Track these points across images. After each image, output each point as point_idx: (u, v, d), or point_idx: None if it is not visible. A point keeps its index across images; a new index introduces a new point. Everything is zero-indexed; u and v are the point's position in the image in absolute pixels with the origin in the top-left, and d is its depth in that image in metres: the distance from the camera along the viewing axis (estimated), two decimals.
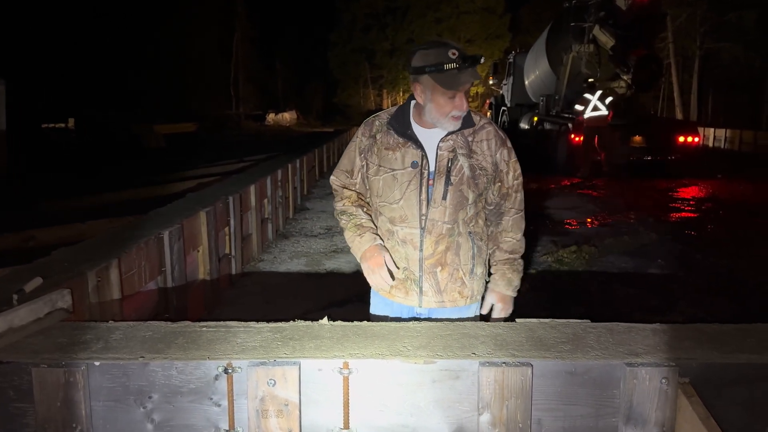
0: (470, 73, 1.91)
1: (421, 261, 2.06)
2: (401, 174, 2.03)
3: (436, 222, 2.03)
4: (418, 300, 2.10)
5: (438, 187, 2.01)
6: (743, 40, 28.11)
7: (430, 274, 2.07)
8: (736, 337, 1.71)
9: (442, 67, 1.90)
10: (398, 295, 2.13)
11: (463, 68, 1.90)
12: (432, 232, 2.03)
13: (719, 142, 25.52)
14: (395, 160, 2.04)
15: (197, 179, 9.95)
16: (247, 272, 5.40)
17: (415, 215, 2.03)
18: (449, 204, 2.02)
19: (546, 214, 8.65)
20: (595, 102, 13.59)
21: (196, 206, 4.23)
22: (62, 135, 28.79)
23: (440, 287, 2.09)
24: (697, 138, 14.20)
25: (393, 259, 2.06)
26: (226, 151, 17.65)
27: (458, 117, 1.99)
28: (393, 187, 2.05)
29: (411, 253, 2.06)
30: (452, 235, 2.05)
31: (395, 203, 2.05)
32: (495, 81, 26.11)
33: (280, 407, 1.52)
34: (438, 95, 1.94)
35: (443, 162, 2.01)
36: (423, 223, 2.03)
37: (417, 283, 2.08)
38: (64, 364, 1.52)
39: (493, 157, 2.07)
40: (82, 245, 2.89)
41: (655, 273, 5.60)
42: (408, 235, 2.05)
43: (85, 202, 8.78)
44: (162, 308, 3.28)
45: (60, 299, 1.89)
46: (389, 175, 2.05)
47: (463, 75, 1.91)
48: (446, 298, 2.10)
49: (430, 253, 2.05)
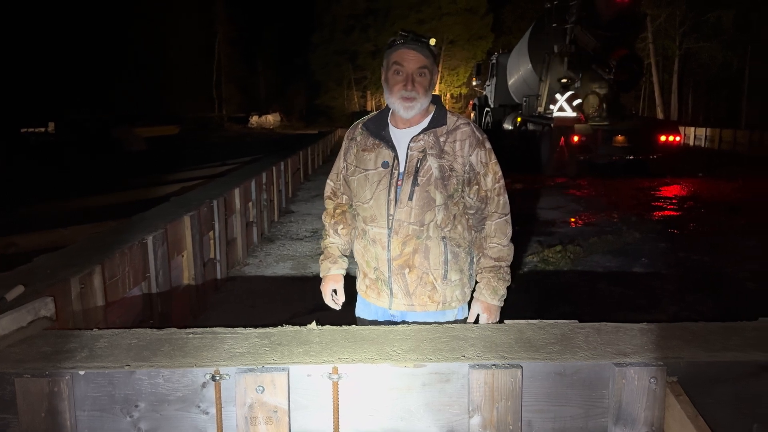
0: (415, 47, 1.97)
1: (390, 261, 2.06)
2: (372, 174, 2.06)
3: (403, 222, 2.02)
4: (389, 301, 2.11)
5: (405, 188, 2.01)
6: (721, 40, 28.52)
7: (399, 276, 2.07)
8: (722, 335, 1.72)
9: (391, 43, 2.03)
10: (371, 296, 2.16)
11: (408, 42, 1.97)
12: (399, 232, 2.03)
13: (699, 140, 25.87)
14: (369, 161, 2.07)
15: (180, 183, 9.88)
16: (232, 276, 5.37)
17: (383, 215, 2.04)
18: (415, 205, 2.01)
19: (531, 214, 8.70)
20: (562, 103, 13.73)
21: (179, 210, 4.19)
22: (42, 139, 28.42)
23: (409, 290, 2.08)
24: (679, 137, 14.38)
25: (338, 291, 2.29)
26: (209, 154, 17.55)
27: (408, 99, 1.99)
28: (365, 187, 2.07)
29: (380, 253, 2.07)
30: (420, 237, 2.03)
31: (366, 203, 2.07)
32: (478, 82, 26.23)
33: (269, 414, 1.50)
34: (390, 73, 2.02)
35: (413, 162, 2.02)
36: (390, 223, 2.03)
37: (387, 284, 2.09)
38: (47, 374, 1.49)
39: (466, 158, 2.03)
40: (64, 251, 2.84)
41: (639, 271, 5.65)
42: (377, 235, 2.06)
43: (66, 207, 8.67)
44: (147, 314, 3.24)
45: (43, 307, 1.86)
46: (362, 175, 2.08)
47: (409, 44, 1.98)
48: (416, 302, 2.09)
49: (398, 254, 2.05)
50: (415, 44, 1.97)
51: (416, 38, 1.98)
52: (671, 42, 31.22)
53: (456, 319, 2.17)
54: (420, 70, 1.98)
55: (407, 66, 1.98)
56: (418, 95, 1.99)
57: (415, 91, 1.98)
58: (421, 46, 1.98)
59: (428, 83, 2.01)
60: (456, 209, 2.07)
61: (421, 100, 2.00)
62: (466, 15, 48.19)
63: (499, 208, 2.11)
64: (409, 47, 1.97)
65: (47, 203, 9.12)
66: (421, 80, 1.99)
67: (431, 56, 2.00)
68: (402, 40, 1.99)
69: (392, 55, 2.00)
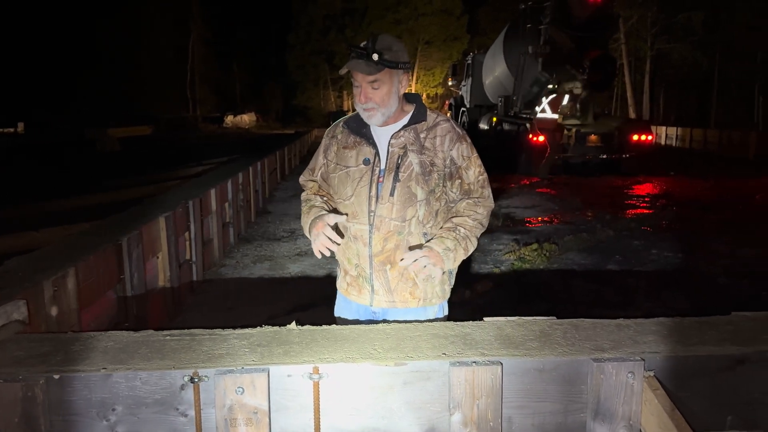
0: (360, 61, 1.95)
1: (371, 258, 2.06)
2: (354, 171, 2.07)
3: (384, 218, 2.03)
4: (370, 299, 2.11)
5: (386, 184, 2.03)
6: (691, 41, 29.07)
7: (381, 272, 2.07)
8: (697, 330, 1.76)
9: (348, 56, 2.01)
10: (353, 293, 2.15)
11: (355, 59, 1.96)
12: (380, 228, 2.03)
13: (671, 140, 26.32)
14: (350, 158, 2.08)
15: (155, 184, 9.75)
16: (208, 278, 5.31)
17: (364, 212, 2.04)
18: (397, 200, 2.01)
19: (507, 213, 8.77)
20: (545, 105, 13.90)
21: (155, 211, 4.14)
22: (11, 140, 27.82)
23: (390, 286, 2.08)
24: (651, 137, 14.61)
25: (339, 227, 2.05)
26: (184, 155, 17.36)
27: (366, 110, 2.01)
28: (346, 184, 2.08)
29: (361, 249, 2.07)
30: (401, 233, 2.03)
31: (348, 200, 2.07)
32: (454, 82, 26.32)
33: (249, 415, 1.49)
34: (353, 84, 2.04)
35: (394, 158, 2.04)
36: (371, 220, 2.04)
37: (368, 281, 2.09)
38: (21, 378, 1.46)
39: (447, 153, 2.04)
40: (36, 254, 2.78)
41: (613, 269, 5.73)
42: (358, 232, 2.06)
43: (37, 209, 8.49)
44: (122, 317, 3.19)
45: (15, 311, 1.82)
46: (343, 172, 2.09)
47: (357, 62, 1.96)
48: (397, 298, 2.09)
49: (379, 250, 2.05)
50: (361, 60, 1.96)
51: (361, 54, 1.95)
52: (643, 43, 31.70)
53: (436, 316, 2.17)
54: (372, 84, 1.99)
55: (358, 79, 2.00)
56: (375, 105, 2.00)
57: (370, 102, 2.00)
58: (367, 61, 1.95)
59: (385, 92, 2.00)
60: (438, 205, 2.07)
61: (380, 109, 2.01)
62: (442, 16, 48.36)
63: (482, 200, 2.10)
64: (356, 65, 1.97)
65: (19, 205, 8.93)
66: (374, 93, 1.99)
67: (383, 65, 1.96)
68: (354, 55, 1.98)
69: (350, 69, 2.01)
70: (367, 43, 1.97)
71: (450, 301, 2.24)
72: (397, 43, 2.00)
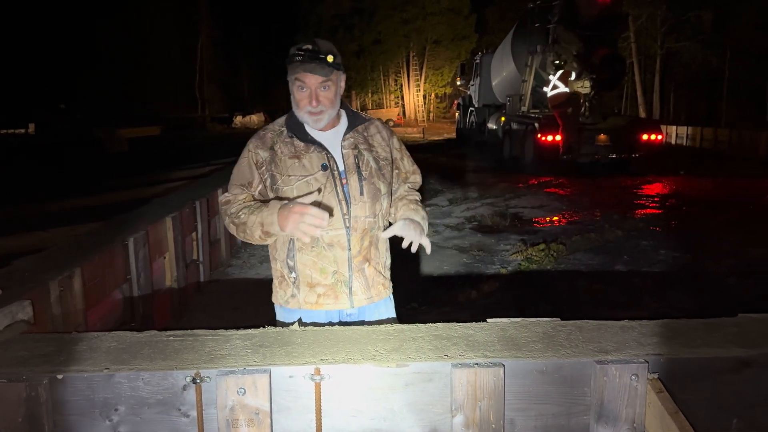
0: (314, 64, 1.93)
1: (350, 260, 2.06)
2: (314, 179, 2.01)
3: (359, 218, 2.04)
4: (349, 301, 2.09)
5: (353, 184, 2.03)
6: (701, 40, 28.87)
7: (359, 272, 2.08)
8: (703, 331, 1.74)
9: (291, 59, 1.97)
10: (327, 303, 2.07)
11: (305, 60, 1.93)
12: (357, 229, 2.04)
13: (681, 139, 26.15)
14: (303, 167, 2.01)
15: (163, 184, 9.78)
16: (216, 278, 5.33)
17: (338, 216, 2.02)
18: (367, 198, 2.05)
19: (515, 214, 8.74)
20: (555, 82, 13.86)
21: (161, 211, 4.16)
22: (22, 140, 28.04)
23: (369, 283, 2.11)
24: (661, 136, 14.51)
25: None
26: (192, 155, 17.43)
27: (315, 113, 1.99)
28: (309, 193, 1.99)
29: (339, 254, 2.04)
30: (373, 228, 2.09)
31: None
32: (462, 82, 26.30)
33: (251, 416, 1.49)
34: (294, 88, 2.01)
35: (350, 159, 2.05)
36: (348, 222, 2.03)
37: (347, 284, 2.07)
38: (24, 378, 1.47)
39: (389, 146, 2.18)
40: (43, 254, 2.81)
41: (621, 269, 5.70)
42: (334, 238, 2.03)
43: (47, 209, 8.55)
44: (128, 317, 3.21)
45: (20, 311, 1.83)
46: (302, 182, 2.00)
47: (306, 65, 1.93)
48: (374, 293, 2.13)
49: (358, 251, 2.06)
50: (313, 62, 1.93)
51: (313, 56, 1.94)
52: (653, 41, 31.53)
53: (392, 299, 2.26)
54: (323, 84, 1.98)
55: (308, 82, 1.97)
56: (324, 108, 2.00)
57: (321, 105, 1.99)
58: (319, 63, 1.94)
59: (333, 93, 2.02)
60: (391, 195, 2.20)
61: (328, 111, 2.02)
62: (450, 15, 48.29)
63: (417, 184, 2.31)
64: (311, 68, 1.94)
65: (28, 205, 8.99)
66: (325, 93, 1.99)
67: (333, 68, 1.97)
68: (300, 58, 1.94)
69: (294, 71, 1.97)
70: (312, 47, 1.95)
71: (456, 301, 2.26)
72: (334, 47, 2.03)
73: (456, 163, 17.00)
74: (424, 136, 35.88)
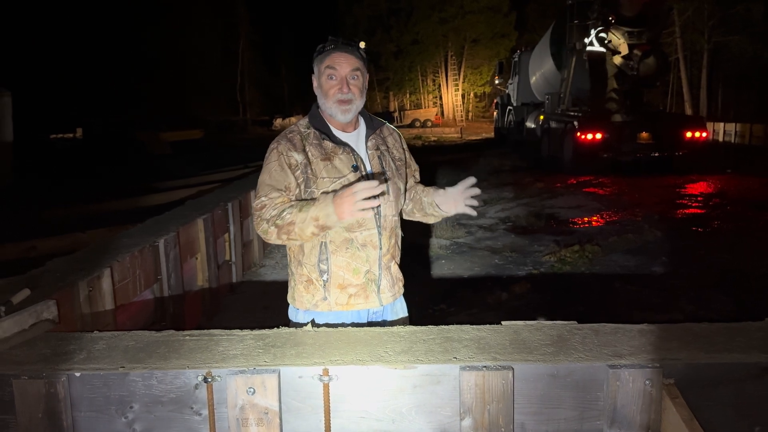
0: (346, 50, 2.00)
1: (380, 259, 2.10)
2: (346, 180, 2.00)
3: (388, 217, 2.10)
4: (378, 300, 2.11)
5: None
6: (751, 33, 27.89)
7: (387, 270, 2.13)
8: (725, 336, 1.69)
9: (321, 49, 2.04)
10: (358, 303, 2.08)
11: (339, 47, 2.00)
12: (386, 228, 2.10)
13: (729, 136, 25.27)
14: (335, 169, 2.01)
15: (198, 186, 9.98)
16: (248, 278, 5.41)
17: (371, 216, 2.04)
18: (392, 197, 2.11)
19: (551, 214, 8.61)
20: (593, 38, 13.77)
21: (193, 213, 4.24)
22: (69, 144, 29.03)
23: (393, 280, 2.16)
24: (705, 133, 14.06)
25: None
26: (231, 157, 17.72)
27: (345, 101, 2.01)
28: None
29: (371, 254, 2.07)
30: (397, 227, 2.17)
31: None
32: (501, 80, 26.06)
33: (261, 415, 1.51)
34: (323, 79, 2.04)
35: (375, 160, 2.10)
36: (379, 221, 2.07)
37: (376, 282, 2.10)
38: (44, 375, 1.53)
39: (402, 147, 2.25)
40: (76, 255, 2.90)
41: (658, 271, 5.55)
42: (368, 238, 2.06)
43: (88, 211, 8.82)
44: (159, 317, 3.28)
45: (45, 310, 1.89)
46: (336, 183, 2.00)
47: (340, 48, 2.00)
48: (396, 290, 2.19)
49: (387, 249, 2.11)
50: (346, 48, 2.00)
51: (346, 42, 2.01)
52: (699, 36, 30.59)
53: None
54: (353, 72, 2.02)
55: (340, 69, 2.00)
56: (354, 97, 2.02)
57: (351, 93, 2.01)
58: (352, 49, 2.01)
59: (362, 85, 2.06)
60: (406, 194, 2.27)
61: (356, 102, 2.04)
62: (488, 13, 47.81)
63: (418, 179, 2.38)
64: (340, 51, 2.00)
65: (70, 207, 9.29)
66: (355, 82, 2.02)
67: (362, 59, 2.04)
68: (332, 45, 2.01)
69: (324, 61, 2.02)
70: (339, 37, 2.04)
71: (486, 303, 2.27)
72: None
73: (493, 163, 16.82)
74: (461, 135, 35.67)
